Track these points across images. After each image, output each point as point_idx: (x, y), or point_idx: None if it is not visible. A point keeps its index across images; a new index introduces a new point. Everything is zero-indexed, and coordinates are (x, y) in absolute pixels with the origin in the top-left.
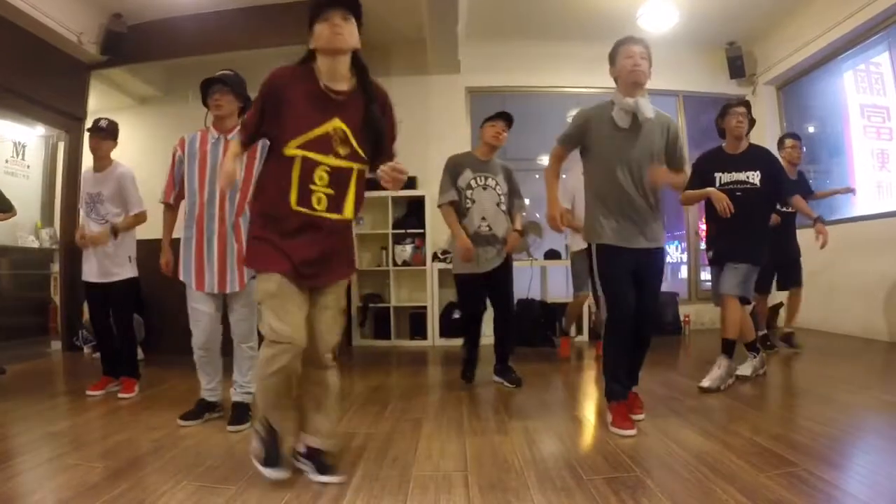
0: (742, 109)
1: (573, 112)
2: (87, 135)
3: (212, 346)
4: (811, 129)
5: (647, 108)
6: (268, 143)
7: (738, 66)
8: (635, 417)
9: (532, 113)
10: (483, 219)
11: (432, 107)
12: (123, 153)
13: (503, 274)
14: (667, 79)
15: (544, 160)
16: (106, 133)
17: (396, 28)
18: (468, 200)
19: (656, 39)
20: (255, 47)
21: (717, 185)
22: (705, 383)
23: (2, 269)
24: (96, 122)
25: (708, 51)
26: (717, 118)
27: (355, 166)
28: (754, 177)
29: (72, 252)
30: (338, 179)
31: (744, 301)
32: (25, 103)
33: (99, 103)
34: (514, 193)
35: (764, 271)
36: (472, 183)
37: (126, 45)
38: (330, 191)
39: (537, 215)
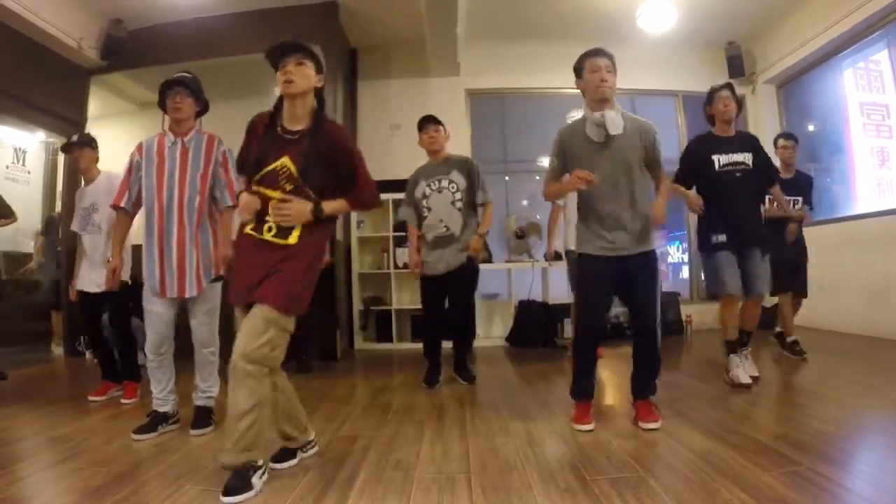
0: (727, 93)
1: (572, 114)
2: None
3: (165, 351)
4: (811, 128)
5: (616, 123)
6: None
7: (737, 65)
8: (649, 426)
9: (531, 114)
10: (440, 220)
11: (432, 109)
12: (124, 159)
13: (463, 274)
14: (666, 78)
15: (544, 161)
16: (79, 144)
17: (396, 30)
18: (425, 209)
19: (655, 39)
20: (254, 52)
21: (717, 166)
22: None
23: (3, 275)
24: (68, 139)
25: (707, 50)
26: (705, 105)
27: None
28: (748, 158)
29: (73, 258)
30: None
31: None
32: (25, 108)
33: (99, 109)
34: (475, 185)
35: (791, 267)
36: (426, 191)
37: (126, 50)
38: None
39: (537, 217)
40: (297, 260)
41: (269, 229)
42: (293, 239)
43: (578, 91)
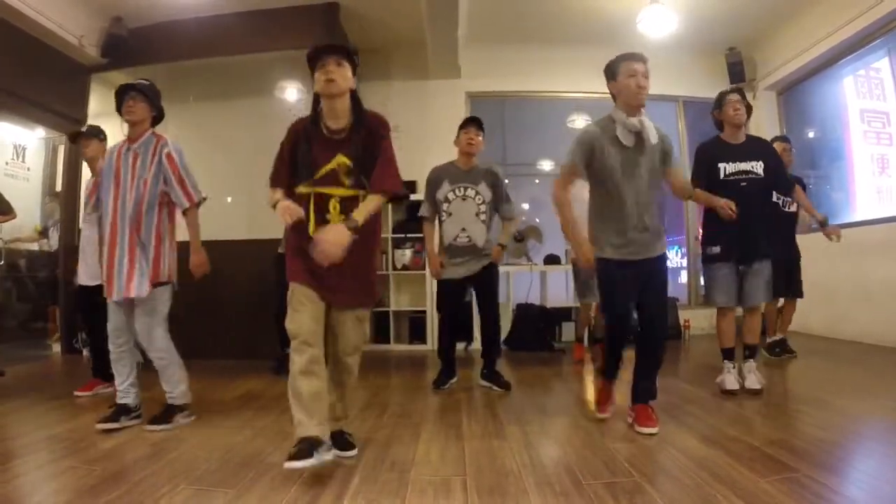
0: (737, 97)
1: (572, 118)
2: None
3: (123, 343)
4: (811, 135)
5: (653, 132)
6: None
7: (737, 72)
8: (647, 431)
9: (532, 118)
10: (463, 230)
11: (432, 111)
12: None
13: (486, 277)
14: (666, 84)
15: (544, 165)
16: (87, 135)
17: (397, 32)
18: (444, 213)
19: (656, 44)
20: (254, 51)
21: (722, 175)
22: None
23: (2, 272)
24: (77, 129)
25: (708, 56)
26: (714, 110)
27: (361, 193)
28: (758, 167)
29: (72, 255)
30: (348, 207)
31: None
32: (26, 106)
33: (99, 106)
34: (500, 199)
35: (786, 272)
36: (450, 195)
37: (127, 48)
38: (343, 217)
39: (537, 220)
40: (361, 254)
41: None
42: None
43: (579, 95)
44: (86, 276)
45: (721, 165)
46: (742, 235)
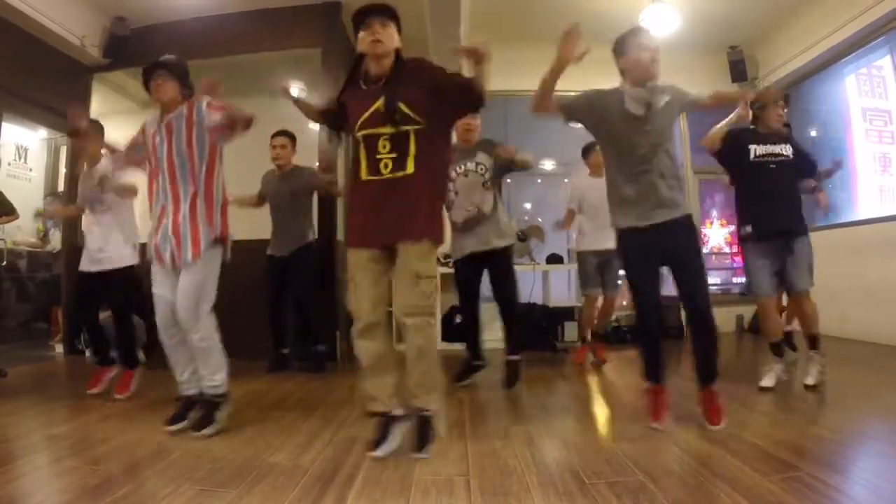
0: (782, 102)
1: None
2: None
3: (176, 333)
4: (813, 133)
5: (660, 96)
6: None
7: (740, 70)
8: (714, 428)
9: (534, 117)
10: (472, 203)
11: None
12: None
13: (501, 257)
14: (668, 82)
15: (546, 165)
16: (88, 132)
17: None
18: (452, 192)
19: (658, 43)
20: (257, 51)
21: (752, 156)
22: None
23: (4, 272)
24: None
25: (710, 54)
26: (756, 109)
27: (411, 128)
28: (787, 149)
29: (74, 254)
30: (398, 144)
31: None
32: (27, 106)
33: (101, 106)
34: (497, 148)
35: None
36: (452, 174)
37: (129, 48)
38: (393, 155)
39: (539, 220)
40: (420, 190)
41: (385, 166)
42: (410, 168)
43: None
44: (86, 261)
45: (751, 147)
46: (772, 213)
